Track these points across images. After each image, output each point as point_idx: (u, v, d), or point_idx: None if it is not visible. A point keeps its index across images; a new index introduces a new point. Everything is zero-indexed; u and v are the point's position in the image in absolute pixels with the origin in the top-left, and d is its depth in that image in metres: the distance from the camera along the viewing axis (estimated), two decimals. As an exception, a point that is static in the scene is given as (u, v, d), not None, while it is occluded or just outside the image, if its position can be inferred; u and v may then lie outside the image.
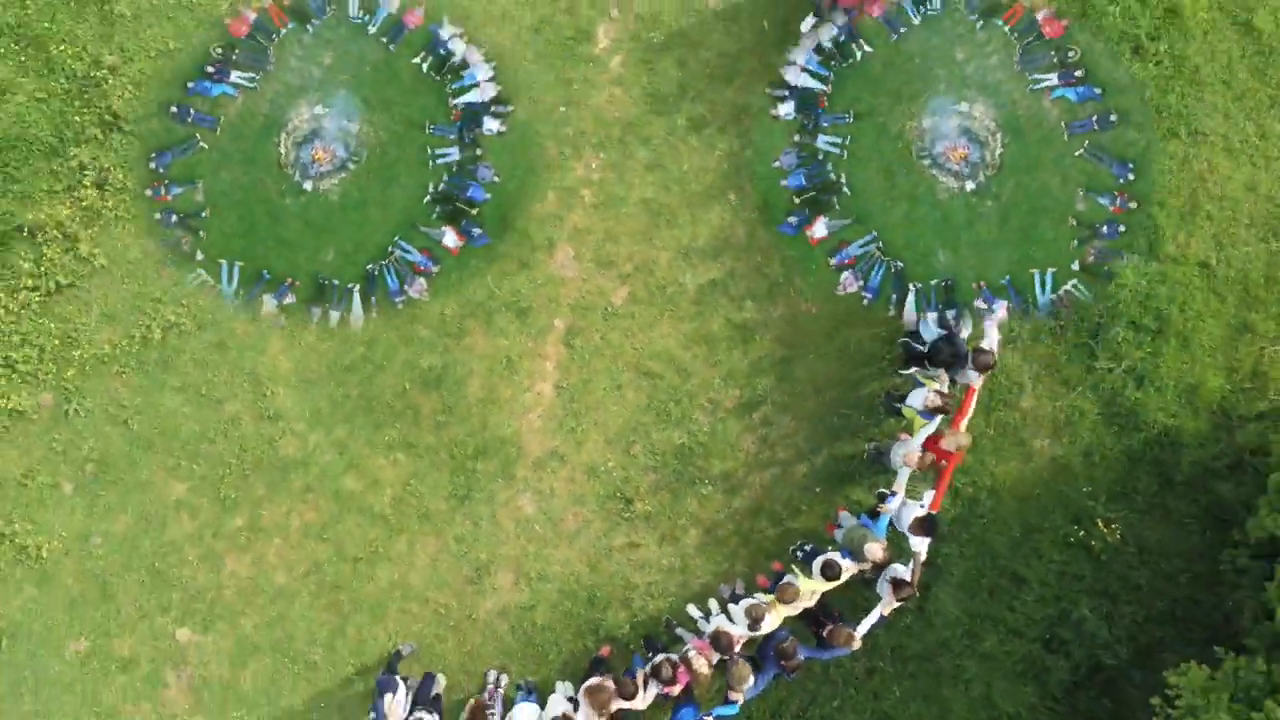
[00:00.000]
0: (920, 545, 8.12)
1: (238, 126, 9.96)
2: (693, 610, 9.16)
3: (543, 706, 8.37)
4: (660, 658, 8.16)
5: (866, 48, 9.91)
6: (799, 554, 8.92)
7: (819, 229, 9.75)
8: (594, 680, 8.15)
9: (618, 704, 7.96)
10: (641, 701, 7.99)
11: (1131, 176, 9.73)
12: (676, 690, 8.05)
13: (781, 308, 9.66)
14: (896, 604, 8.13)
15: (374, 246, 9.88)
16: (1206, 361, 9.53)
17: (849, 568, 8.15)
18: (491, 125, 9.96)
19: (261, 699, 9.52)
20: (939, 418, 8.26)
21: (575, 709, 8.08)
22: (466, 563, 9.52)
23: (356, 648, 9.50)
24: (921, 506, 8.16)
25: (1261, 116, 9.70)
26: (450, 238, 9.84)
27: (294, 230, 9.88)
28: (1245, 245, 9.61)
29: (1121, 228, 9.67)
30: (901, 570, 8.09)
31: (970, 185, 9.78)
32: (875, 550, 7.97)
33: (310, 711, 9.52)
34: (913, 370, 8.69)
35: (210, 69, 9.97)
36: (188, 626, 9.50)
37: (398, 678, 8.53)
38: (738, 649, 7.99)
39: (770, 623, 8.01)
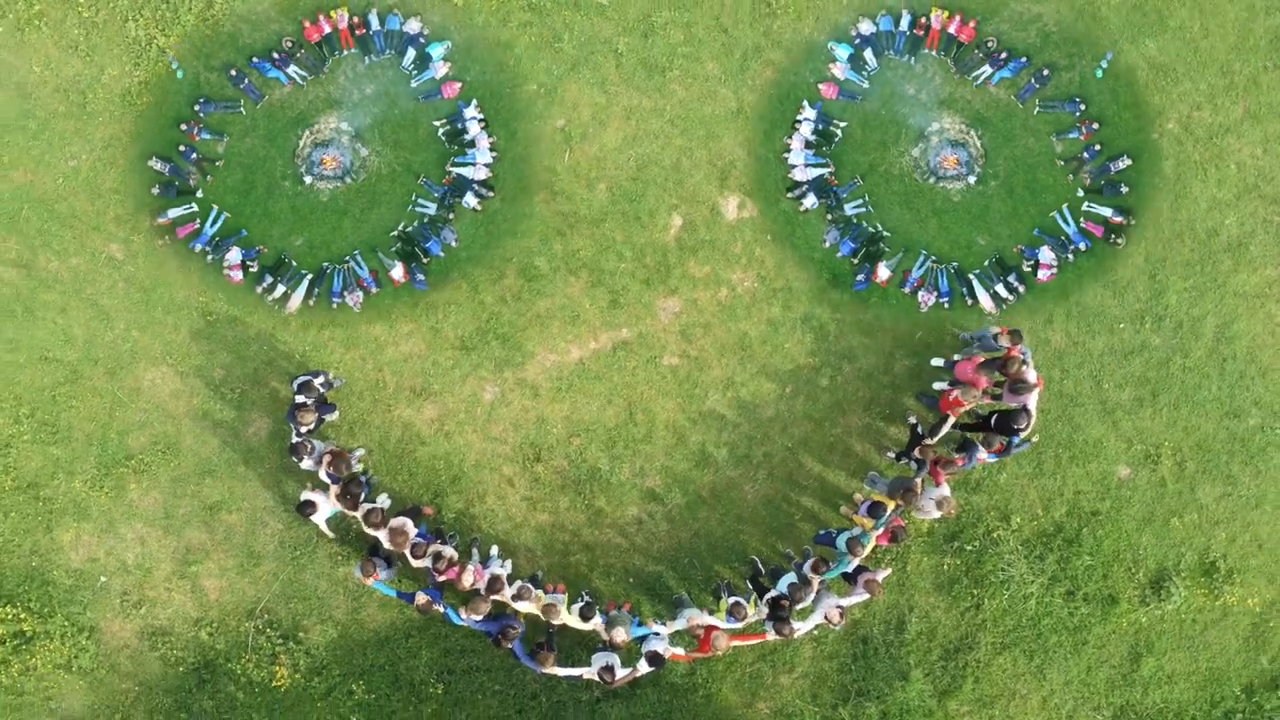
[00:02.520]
0: (643, 666, 9.85)
1: (275, 109, 11.43)
2: (494, 550, 11.06)
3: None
4: (450, 552, 10.07)
5: (841, 123, 11.57)
6: (579, 599, 10.62)
7: (882, 273, 11.48)
8: (404, 520, 10.04)
9: (404, 550, 9.90)
10: (417, 563, 9.96)
11: (1084, 107, 11.55)
12: (440, 579, 10.03)
13: (740, 473, 11.33)
14: (595, 679, 9.89)
15: (335, 251, 11.32)
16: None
17: (595, 624, 9.97)
18: (470, 201, 11.32)
19: (238, 311, 11.42)
20: (737, 624, 9.98)
21: (379, 519, 9.99)
22: (422, 380, 11.33)
23: (318, 345, 11.34)
24: (666, 649, 9.87)
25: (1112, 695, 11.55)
26: (398, 271, 11.22)
27: (281, 209, 11.34)
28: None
29: (1097, 147, 11.50)
30: (619, 666, 9.84)
31: (972, 179, 11.55)
32: (620, 634, 9.79)
33: (257, 350, 11.37)
34: (752, 592, 10.37)
35: (275, 55, 11.31)
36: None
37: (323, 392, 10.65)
38: (495, 598, 9.89)
39: (525, 608, 9.95)
